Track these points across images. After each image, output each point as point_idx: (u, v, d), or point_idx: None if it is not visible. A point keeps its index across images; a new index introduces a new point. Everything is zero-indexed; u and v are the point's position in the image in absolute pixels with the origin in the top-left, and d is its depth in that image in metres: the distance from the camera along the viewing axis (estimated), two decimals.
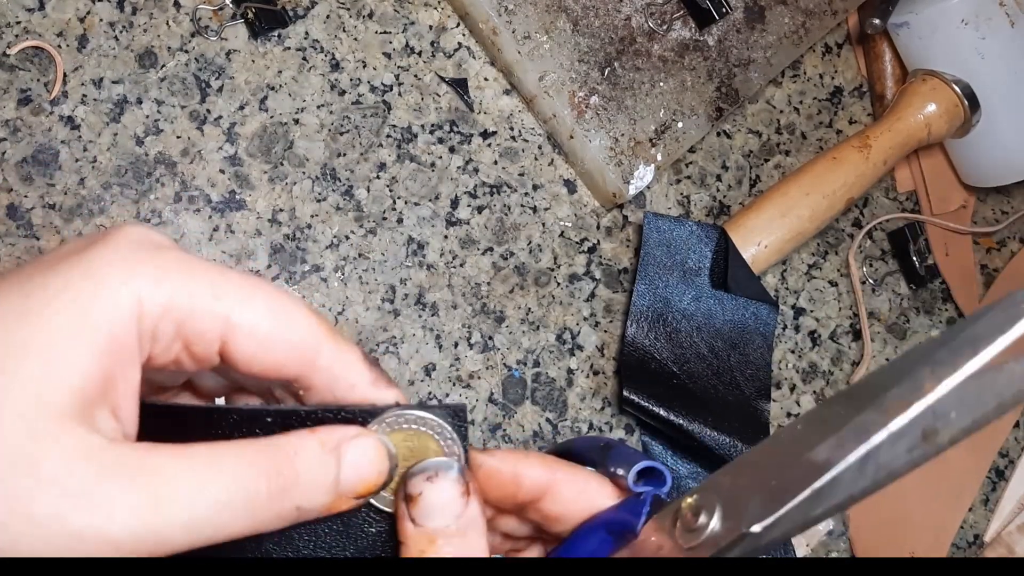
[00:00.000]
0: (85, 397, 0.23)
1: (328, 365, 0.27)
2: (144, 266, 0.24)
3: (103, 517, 0.22)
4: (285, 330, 0.26)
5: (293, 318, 0.27)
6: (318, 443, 0.26)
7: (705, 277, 0.62)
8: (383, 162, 0.60)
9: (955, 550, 0.66)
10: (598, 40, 0.62)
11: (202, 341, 0.25)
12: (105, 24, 0.56)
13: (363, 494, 0.27)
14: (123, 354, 0.24)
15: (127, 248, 0.24)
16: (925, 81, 0.66)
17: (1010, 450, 0.68)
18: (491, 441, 0.58)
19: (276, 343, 0.26)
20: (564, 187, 0.63)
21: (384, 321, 0.58)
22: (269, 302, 0.26)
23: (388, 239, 0.59)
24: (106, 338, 0.23)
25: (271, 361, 0.26)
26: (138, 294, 0.24)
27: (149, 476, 0.23)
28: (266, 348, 0.26)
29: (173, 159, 0.56)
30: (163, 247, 0.25)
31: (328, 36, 0.60)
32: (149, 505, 0.22)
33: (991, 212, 0.73)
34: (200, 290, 0.25)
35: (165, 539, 0.23)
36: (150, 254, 0.25)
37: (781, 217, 0.63)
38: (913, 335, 0.68)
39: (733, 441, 0.57)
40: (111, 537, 0.22)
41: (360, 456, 0.27)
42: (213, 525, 0.23)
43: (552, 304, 0.61)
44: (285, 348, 0.26)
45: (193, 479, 0.23)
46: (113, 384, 0.24)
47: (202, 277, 0.25)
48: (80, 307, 0.23)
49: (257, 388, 0.30)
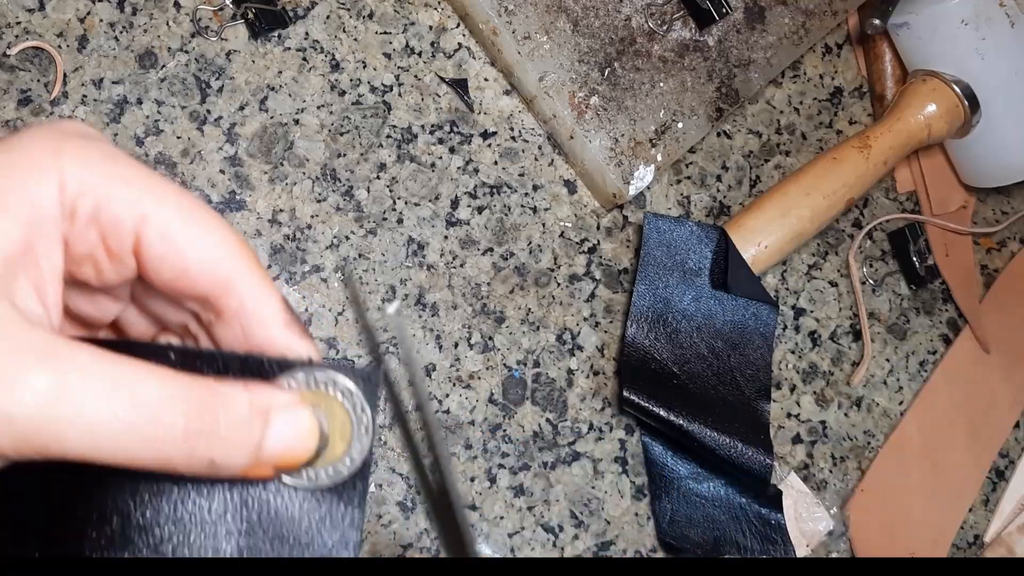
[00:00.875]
0: (4, 261, 0.23)
1: (241, 290, 0.26)
2: (69, 148, 0.24)
3: (4, 390, 0.21)
4: (200, 237, 0.26)
5: (211, 228, 0.26)
6: (247, 401, 0.25)
7: (705, 277, 0.62)
8: (383, 162, 0.60)
9: (955, 550, 0.66)
10: (598, 40, 0.62)
11: (117, 231, 0.25)
12: (105, 24, 0.56)
13: (284, 467, 0.26)
14: (45, 227, 0.24)
15: (56, 133, 0.25)
16: (925, 81, 0.66)
17: (1010, 450, 0.68)
18: (491, 441, 0.58)
19: (188, 248, 0.26)
20: (564, 187, 0.63)
21: (384, 321, 0.58)
22: (189, 207, 0.26)
23: (388, 239, 0.59)
24: (28, 206, 0.23)
25: (182, 267, 0.26)
26: (61, 171, 0.24)
27: (62, 365, 0.22)
28: (177, 251, 0.25)
29: (173, 159, 0.56)
30: (91, 137, 0.25)
31: (328, 36, 0.60)
32: (53, 392, 0.22)
33: (991, 212, 0.73)
34: (120, 178, 0.25)
35: (60, 435, 0.22)
36: (78, 140, 0.25)
37: (781, 217, 0.63)
38: (913, 335, 0.68)
39: (733, 441, 0.57)
40: (7, 412, 0.21)
41: (290, 428, 0.26)
42: (113, 439, 0.22)
43: (552, 304, 0.61)
44: (197, 256, 0.26)
45: (108, 384, 0.22)
46: (35, 256, 0.24)
47: (125, 168, 0.25)
48: (4, 179, 0.23)
49: (177, 326, 0.30)
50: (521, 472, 0.58)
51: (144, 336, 0.30)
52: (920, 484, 0.65)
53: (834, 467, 0.64)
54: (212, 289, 0.26)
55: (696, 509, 0.60)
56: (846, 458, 0.65)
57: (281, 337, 0.27)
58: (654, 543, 0.60)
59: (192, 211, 0.26)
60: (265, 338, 0.27)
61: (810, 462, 0.64)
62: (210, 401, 0.24)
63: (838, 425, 0.65)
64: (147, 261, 0.25)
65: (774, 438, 0.63)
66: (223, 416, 0.24)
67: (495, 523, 0.57)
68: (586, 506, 0.59)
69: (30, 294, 0.24)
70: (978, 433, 0.67)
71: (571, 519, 0.59)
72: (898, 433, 0.66)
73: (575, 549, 0.59)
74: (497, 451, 0.58)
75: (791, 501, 0.62)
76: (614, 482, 0.60)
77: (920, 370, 0.68)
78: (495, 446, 0.58)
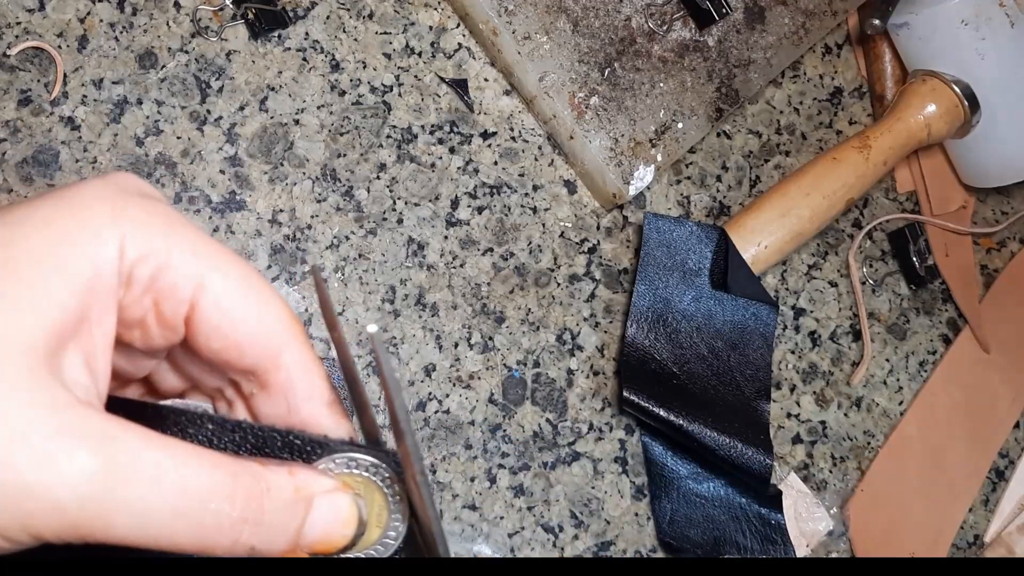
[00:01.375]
0: (58, 334, 0.22)
1: (290, 365, 0.26)
2: (131, 209, 0.23)
3: (53, 473, 0.20)
4: (256, 310, 0.25)
5: (267, 301, 0.25)
6: (293, 487, 0.24)
7: (705, 278, 0.62)
8: (383, 163, 0.60)
9: (955, 550, 0.66)
10: (598, 41, 0.62)
11: (172, 299, 0.24)
12: (105, 25, 0.56)
13: (322, 552, 0.25)
14: (102, 294, 0.23)
15: (115, 190, 0.24)
16: (925, 81, 0.66)
17: (1010, 450, 0.68)
18: (491, 441, 0.58)
19: (243, 321, 0.25)
20: (564, 187, 0.63)
21: (384, 321, 0.58)
22: (246, 278, 0.25)
23: (388, 240, 0.59)
24: (87, 273, 0.22)
25: (234, 339, 0.25)
26: (122, 234, 0.23)
27: (112, 448, 0.21)
28: (232, 323, 0.25)
29: (173, 160, 0.56)
30: (151, 197, 0.24)
31: (328, 37, 0.60)
32: (104, 476, 0.21)
33: (991, 212, 0.73)
34: (181, 245, 0.24)
35: (108, 520, 0.21)
36: (138, 200, 0.24)
37: (781, 218, 0.63)
38: (913, 335, 0.68)
39: (733, 441, 0.57)
40: (56, 497, 0.20)
41: (332, 514, 0.25)
42: (161, 526, 0.22)
43: (552, 304, 0.61)
44: (251, 329, 0.25)
45: (158, 470, 0.22)
46: (88, 326, 0.23)
47: (185, 233, 0.24)
48: (63, 238, 0.22)
49: (210, 388, 0.29)
50: (521, 472, 0.58)
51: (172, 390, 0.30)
52: (920, 484, 0.65)
53: (834, 467, 0.64)
54: (261, 362, 0.26)
55: (696, 509, 0.60)
56: (846, 458, 0.65)
57: (326, 417, 0.27)
58: (654, 543, 0.60)
59: (249, 282, 0.25)
60: (310, 416, 0.26)
61: (810, 462, 0.64)
62: (256, 489, 0.23)
63: (838, 425, 0.65)
64: (198, 330, 0.25)
65: (774, 438, 0.63)
66: (268, 504, 0.24)
67: (495, 523, 0.57)
68: (586, 506, 0.59)
69: (79, 365, 0.23)
70: (978, 433, 0.67)
71: (571, 519, 0.59)
72: (898, 433, 0.66)
73: (575, 549, 0.59)
74: (497, 451, 0.58)
75: (791, 501, 0.62)
76: (614, 482, 0.60)
77: (920, 370, 0.68)
78: (495, 446, 0.58)
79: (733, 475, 0.59)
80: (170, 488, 0.22)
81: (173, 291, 0.24)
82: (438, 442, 0.57)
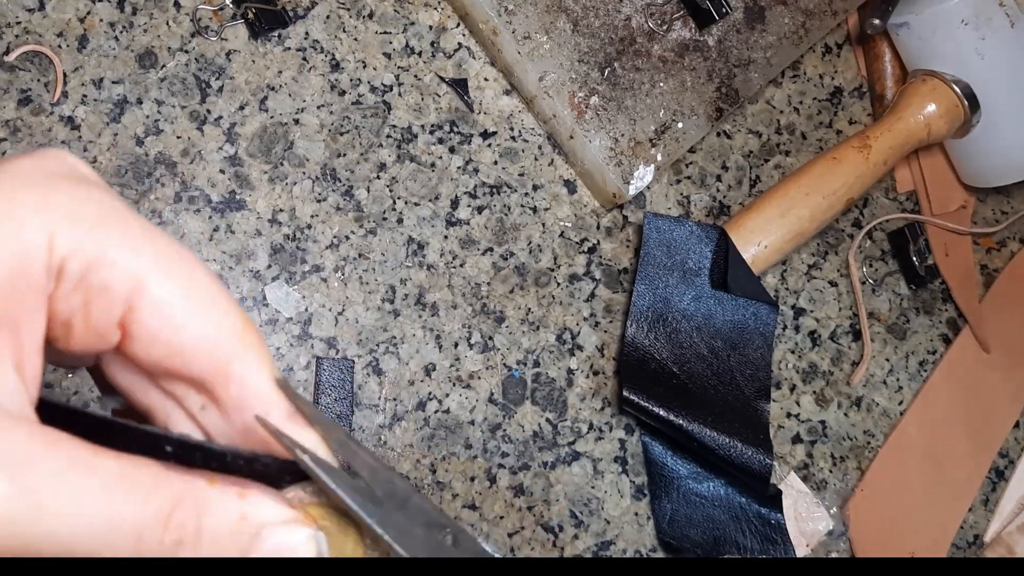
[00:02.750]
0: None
1: (242, 376, 0.23)
2: (63, 198, 0.21)
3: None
4: (202, 314, 0.22)
5: (216, 304, 0.23)
6: (239, 514, 0.22)
7: (705, 277, 0.62)
8: (383, 162, 0.60)
9: (955, 550, 0.66)
10: (598, 40, 0.62)
11: (105, 299, 0.22)
12: (105, 24, 0.56)
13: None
14: (30, 291, 0.21)
15: (43, 176, 0.21)
16: (925, 81, 0.66)
17: (1010, 450, 0.68)
18: (491, 441, 0.58)
19: (187, 327, 0.22)
20: (564, 187, 0.63)
21: (384, 321, 0.58)
22: (192, 276, 0.22)
23: (388, 239, 0.59)
24: (12, 268, 0.20)
25: (177, 346, 0.22)
26: (51, 227, 0.21)
27: (27, 470, 0.19)
28: (174, 328, 0.22)
29: (173, 159, 0.56)
30: (87, 182, 0.22)
31: (328, 36, 0.60)
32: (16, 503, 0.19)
33: (991, 212, 0.73)
34: (119, 239, 0.22)
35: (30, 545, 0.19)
36: (72, 187, 0.21)
37: (781, 217, 0.63)
38: (913, 335, 0.68)
39: (733, 441, 0.57)
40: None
41: (281, 549, 0.22)
42: (89, 551, 0.20)
43: (552, 304, 0.61)
44: (196, 336, 0.22)
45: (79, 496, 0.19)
46: (16, 326, 0.20)
47: (125, 227, 0.22)
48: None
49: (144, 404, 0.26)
50: (521, 472, 0.58)
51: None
52: (920, 484, 0.65)
53: (834, 467, 0.64)
54: (208, 374, 0.23)
55: (696, 509, 0.60)
56: (846, 458, 0.65)
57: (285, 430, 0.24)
58: (654, 543, 0.60)
59: (195, 281, 0.23)
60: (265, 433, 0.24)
61: (810, 462, 0.64)
62: (194, 507, 0.21)
63: (838, 425, 0.65)
64: (136, 335, 0.22)
65: (774, 438, 0.63)
66: (208, 531, 0.21)
67: (495, 523, 0.57)
68: (586, 506, 0.59)
69: (7, 368, 0.21)
70: (978, 433, 0.67)
71: (571, 519, 0.59)
72: (898, 433, 0.66)
73: (575, 549, 0.59)
74: (497, 451, 0.58)
75: (791, 501, 0.62)
76: (614, 482, 0.60)
77: (920, 370, 0.68)
78: (495, 446, 0.58)
79: (733, 475, 0.59)
80: (93, 518, 0.20)
81: (106, 291, 0.22)
82: (438, 442, 0.57)
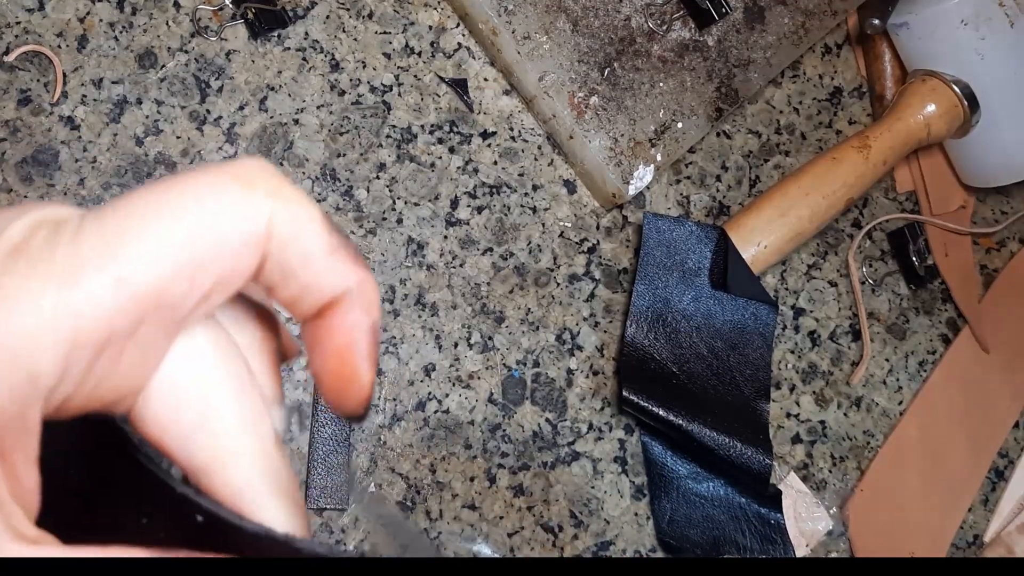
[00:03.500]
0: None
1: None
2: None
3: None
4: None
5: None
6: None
7: (705, 277, 0.62)
8: (383, 162, 0.60)
9: (955, 550, 0.66)
10: (598, 40, 0.62)
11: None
12: (105, 24, 0.56)
13: None
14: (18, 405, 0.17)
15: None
16: (925, 81, 0.66)
17: (1010, 450, 0.68)
18: (491, 441, 0.58)
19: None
20: (564, 187, 0.63)
21: (384, 321, 0.58)
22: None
23: (388, 239, 0.59)
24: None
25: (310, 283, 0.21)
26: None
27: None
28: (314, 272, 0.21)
29: (173, 159, 0.56)
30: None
31: (328, 36, 0.60)
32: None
33: (991, 212, 0.73)
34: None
35: None
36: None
37: (781, 217, 0.63)
38: (913, 335, 0.68)
39: (732, 441, 0.58)
40: None
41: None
42: None
43: (552, 304, 0.61)
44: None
45: None
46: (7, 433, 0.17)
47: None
48: None
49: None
50: (521, 472, 0.58)
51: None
52: (920, 484, 0.65)
53: (833, 467, 0.64)
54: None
55: (696, 509, 0.60)
56: (845, 458, 0.65)
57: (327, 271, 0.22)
58: (654, 543, 0.60)
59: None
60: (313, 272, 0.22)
61: (809, 462, 0.64)
62: None
63: (837, 425, 0.65)
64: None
65: (773, 438, 0.63)
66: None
67: (495, 523, 0.57)
68: (586, 506, 0.59)
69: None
70: (978, 433, 0.67)
71: (571, 519, 0.59)
72: (898, 433, 0.66)
73: (575, 549, 0.59)
74: (497, 451, 0.58)
75: (791, 501, 0.62)
76: (614, 482, 0.60)
77: (920, 370, 0.68)
78: (495, 446, 0.58)
79: (733, 475, 0.59)
80: None
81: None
82: (438, 442, 0.57)
